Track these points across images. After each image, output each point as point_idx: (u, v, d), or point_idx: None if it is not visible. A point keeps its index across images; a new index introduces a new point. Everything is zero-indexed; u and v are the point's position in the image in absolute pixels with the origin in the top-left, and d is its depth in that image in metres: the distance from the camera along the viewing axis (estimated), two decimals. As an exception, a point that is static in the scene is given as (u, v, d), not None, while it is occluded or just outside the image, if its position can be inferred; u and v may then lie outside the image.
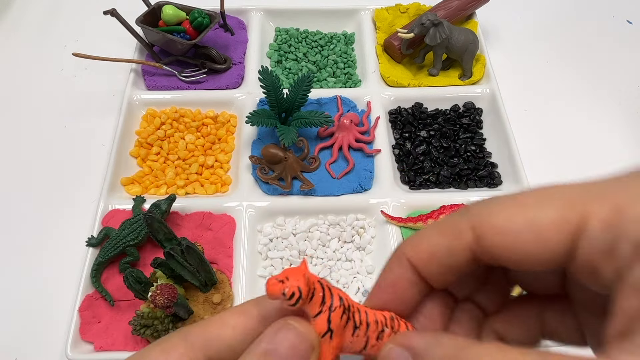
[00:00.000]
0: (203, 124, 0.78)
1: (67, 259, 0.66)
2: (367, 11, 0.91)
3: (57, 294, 0.63)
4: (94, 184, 0.72)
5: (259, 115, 0.70)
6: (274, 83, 0.70)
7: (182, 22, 0.80)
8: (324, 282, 0.24)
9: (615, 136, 0.81)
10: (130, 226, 0.63)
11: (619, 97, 0.86)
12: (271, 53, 0.87)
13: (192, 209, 0.68)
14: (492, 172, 0.73)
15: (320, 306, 0.23)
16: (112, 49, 0.85)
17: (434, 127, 0.77)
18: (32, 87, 0.85)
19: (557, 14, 0.99)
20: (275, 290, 0.21)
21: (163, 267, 0.56)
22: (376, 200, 0.69)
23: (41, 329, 0.61)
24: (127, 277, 0.53)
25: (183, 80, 0.81)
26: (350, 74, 0.84)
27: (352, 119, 0.75)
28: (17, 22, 0.94)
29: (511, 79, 0.86)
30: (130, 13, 0.77)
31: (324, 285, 0.23)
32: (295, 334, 0.22)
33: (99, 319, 0.59)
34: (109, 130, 0.78)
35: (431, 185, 0.73)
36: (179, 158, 0.74)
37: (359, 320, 0.24)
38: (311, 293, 0.22)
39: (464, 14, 0.87)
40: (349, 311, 0.24)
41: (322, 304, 0.23)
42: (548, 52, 0.92)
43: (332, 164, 0.73)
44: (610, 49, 0.93)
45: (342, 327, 0.23)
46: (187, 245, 0.55)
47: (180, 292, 0.56)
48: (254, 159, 0.70)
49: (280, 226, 0.68)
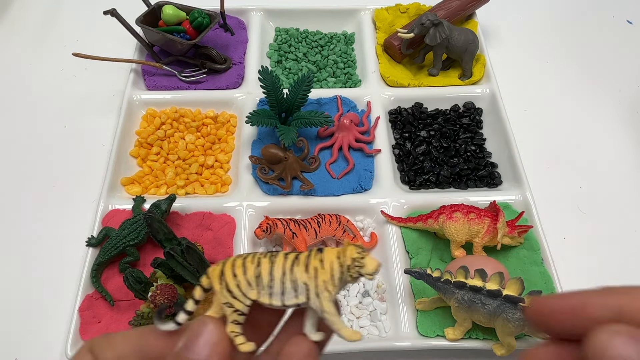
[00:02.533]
0: (203, 124, 0.78)
1: (67, 259, 0.66)
2: (367, 11, 0.91)
3: (57, 294, 0.63)
4: (94, 184, 0.72)
5: (259, 115, 0.70)
6: (274, 83, 0.70)
7: (182, 22, 0.80)
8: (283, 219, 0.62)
9: (615, 136, 0.81)
10: (130, 226, 0.63)
11: (619, 97, 0.86)
12: (271, 53, 0.87)
13: (192, 209, 0.68)
14: (492, 172, 0.73)
15: (283, 227, 0.62)
16: (112, 49, 0.85)
17: (434, 127, 0.77)
18: (32, 87, 0.85)
19: (557, 14, 0.99)
20: (257, 231, 0.61)
21: (163, 267, 0.56)
22: (376, 200, 0.69)
23: (41, 329, 0.61)
24: (127, 277, 0.53)
25: (183, 80, 0.81)
26: (350, 74, 0.84)
27: (352, 119, 0.75)
28: (17, 22, 0.94)
29: (511, 79, 0.86)
30: (130, 13, 0.77)
31: (281, 220, 0.63)
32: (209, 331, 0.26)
33: (99, 319, 0.59)
34: (109, 130, 0.78)
35: (431, 185, 0.73)
36: (179, 158, 0.74)
37: (309, 226, 0.63)
38: (274, 224, 0.62)
39: (464, 14, 0.87)
40: (298, 223, 0.63)
41: (283, 226, 0.62)
42: (548, 52, 0.92)
43: (332, 164, 0.73)
44: (610, 49, 0.93)
45: (298, 230, 0.63)
46: (187, 245, 0.55)
47: (180, 292, 0.56)
48: (254, 159, 0.70)
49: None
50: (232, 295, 0.27)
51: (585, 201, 0.73)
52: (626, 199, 0.74)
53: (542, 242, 0.64)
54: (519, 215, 0.64)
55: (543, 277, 0.62)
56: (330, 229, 0.64)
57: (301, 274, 0.27)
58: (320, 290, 0.27)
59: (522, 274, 0.62)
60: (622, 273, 0.67)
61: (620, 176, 0.76)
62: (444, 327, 0.57)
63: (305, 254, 0.27)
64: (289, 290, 0.27)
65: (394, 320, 0.59)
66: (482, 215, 0.61)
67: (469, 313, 0.53)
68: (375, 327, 0.59)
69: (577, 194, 0.74)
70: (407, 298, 0.60)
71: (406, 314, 0.59)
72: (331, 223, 0.64)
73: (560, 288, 0.60)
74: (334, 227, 0.64)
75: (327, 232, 0.64)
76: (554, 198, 0.73)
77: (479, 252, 0.61)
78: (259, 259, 0.28)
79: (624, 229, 0.71)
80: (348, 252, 0.27)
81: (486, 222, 0.61)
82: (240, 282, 0.27)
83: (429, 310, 0.59)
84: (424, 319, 0.58)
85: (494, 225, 0.61)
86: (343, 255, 0.27)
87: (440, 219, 0.63)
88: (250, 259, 0.28)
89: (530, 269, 0.63)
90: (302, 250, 0.31)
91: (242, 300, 0.27)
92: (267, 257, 0.28)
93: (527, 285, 0.60)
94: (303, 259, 0.27)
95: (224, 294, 0.27)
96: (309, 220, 0.64)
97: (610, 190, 0.75)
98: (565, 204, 0.73)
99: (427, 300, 0.59)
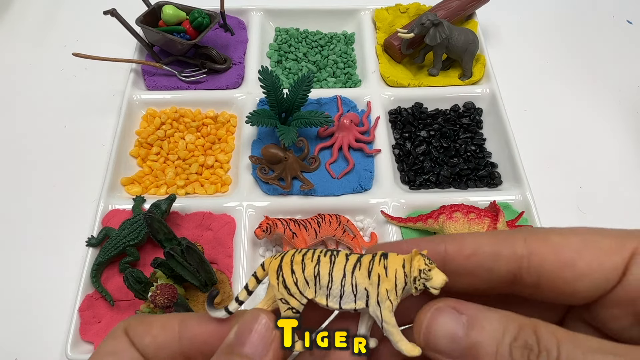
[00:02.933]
0: (203, 124, 0.78)
1: (67, 259, 0.66)
2: (367, 11, 0.91)
3: (57, 294, 0.63)
4: (94, 184, 0.72)
5: (259, 115, 0.70)
6: (274, 83, 0.70)
7: (182, 22, 0.80)
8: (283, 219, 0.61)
9: (615, 136, 0.81)
10: (130, 226, 0.63)
11: (619, 97, 0.86)
12: (271, 53, 0.87)
13: (192, 209, 0.68)
14: (492, 172, 0.73)
15: (283, 227, 0.61)
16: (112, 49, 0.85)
17: (434, 127, 0.77)
18: (32, 87, 0.85)
19: (557, 14, 0.99)
20: (257, 231, 0.61)
21: (163, 267, 0.56)
22: (376, 200, 0.69)
23: (41, 329, 0.61)
24: (127, 277, 0.54)
25: (183, 80, 0.81)
26: (350, 74, 0.84)
27: (352, 119, 0.75)
28: (17, 22, 0.94)
29: (511, 79, 0.86)
30: (130, 13, 0.77)
31: (281, 220, 0.62)
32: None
33: (99, 319, 0.59)
34: (109, 130, 0.78)
35: (431, 185, 0.73)
36: (179, 158, 0.74)
37: (309, 226, 0.63)
38: (274, 224, 0.61)
39: (464, 14, 0.87)
40: (298, 223, 0.63)
41: (283, 226, 0.61)
42: (548, 52, 0.92)
43: (332, 164, 0.73)
44: (610, 49, 0.93)
45: (298, 230, 0.62)
46: (187, 245, 0.55)
47: (180, 292, 0.56)
48: (254, 159, 0.70)
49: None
50: (288, 292, 0.26)
51: (585, 201, 0.73)
52: (626, 199, 0.74)
53: (542, 242, 0.64)
54: (519, 215, 0.64)
55: (543, 277, 0.61)
56: (330, 229, 0.64)
57: (363, 279, 0.26)
58: (382, 299, 0.25)
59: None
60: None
61: (620, 176, 0.76)
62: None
63: (369, 258, 0.26)
64: (348, 294, 0.26)
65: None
66: (482, 215, 0.61)
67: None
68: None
69: (577, 194, 0.74)
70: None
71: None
72: (331, 223, 0.65)
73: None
74: (333, 227, 0.64)
75: (327, 232, 0.64)
76: (554, 198, 0.73)
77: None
78: (318, 256, 0.27)
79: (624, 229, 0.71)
80: (415, 262, 0.25)
81: (486, 222, 0.61)
82: (299, 279, 0.26)
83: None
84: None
85: (494, 225, 0.61)
86: (409, 264, 0.25)
87: (440, 219, 0.63)
88: (309, 255, 0.27)
89: (530, 269, 0.63)
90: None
91: (298, 298, 0.26)
92: (327, 257, 0.27)
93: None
94: (366, 263, 0.26)
95: (280, 290, 0.26)
96: (309, 220, 0.64)
97: (610, 190, 0.75)
98: (565, 204, 0.73)
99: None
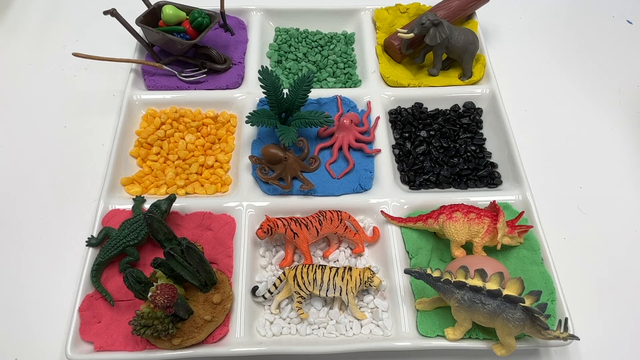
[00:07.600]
0: (203, 124, 0.78)
1: (67, 259, 0.66)
2: (367, 11, 0.91)
3: (57, 294, 0.63)
4: (94, 184, 0.72)
5: (259, 115, 0.70)
6: (274, 83, 0.70)
7: (182, 22, 0.80)
8: (283, 219, 0.65)
9: (615, 136, 0.81)
10: (130, 226, 0.63)
11: (619, 97, 0.86)
12: (271, 53, 0.87)
13: (192, 209, 0.68)
14: (492, 172, 0.73)
15: (284, 227, 0.64)
16: (112, 49, 0.85)
17: (434, 127, 0.77)
18: (32, 87, 0.85)
19: (557, 14, 0.99)
20: (259, 232, 0.63)
21: (163, 267, 0.56)
22: (376, 200, 0.69)
23: (41, 329, 0.61)
24: (127, 277, 0.53)
25: (183, 80, 0.81)
26: (350, 74, 0.84)
27: (352, 119, 0.75)
28: (17, 22, 0.95)
29: (511, 79, 0.86)
30: (130, 13, 0.78)
31: (282, 220, 0.64)
32: None
33: (99, 319, 0.59)
34: (109, 130, 0.78)
35: (431, 185, 0.73)
36: (179, 158, 0.74)
37: (310, 225, 0.65)
38: (275, 224, 0.63)
39: (464, 14, 0.87)
40: (299, 222, 0.64)
41: (284, 226, 0.64)
42: (548, 52, 0.92)
43: (332, 164, 0.73)
44: (610, 49, 0.93)
45: (299, 229, 0.63)
46: (187, 245, 0.55)
47: (180, 292, 0.56)
48: (254, 159, 0.70)
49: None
50: (299, 288, 0.59)
51: (585, 201, 0.73)
52: (626, 199, 0.74)
53: (542, 242, 0.64)
54: (519, 215, 0.64)
55: (543, 277, 0.62)
56: (331, 226, 0.64)
57: (339, 281, 0.59)
58: (348, 291, 0.59)
59: (522, 274, 0.62)
60: (622, 273, 0.67)
61: (620, 176, 0.76)
62: (444, 327, 0.57)
63: (342, 270, 0.60)
64: (330, 288, 0.59)
65: (394, 320, 0.59)
66: (482, 215, 0.61)
67: (469, 313, 0.53)
68: (379, 327, 0.59)
69: (577, 194, 0.74)
70: (407, 298, 0.60)
71: (406, 314, 0.59)
72: (332, 220, 0.64)
73: (560, 288, 0.60)
74: (335, 224, 0.64)
75: (328, 230, 0.64)
76: (554, 198, 0.73)
77: (479, 252, 0.61)
78: (314, 269, 0.60)
79: (624, 229, 0.71)
80: (366, 273, 0.60)
81: (486, 222, 0.61)
82: (305, 282, 0.59)
83: (429, 310, 0.59)
84: (424, 319, 0.58)
85: (494, 225, 0.61)
86: (363, 274, 0.60)
87: (440, 219, 0.63)
88: (311, 268, 0.60)
89: (530, 269, 0.63)
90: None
91: (304, 291, 0.59)
92: (320, 269, 0.60)
93: (527, 285, 0.60)
94: (340, 273, 0.59)
95: (294, 287, 0.59)
96: (310, 218, 0.64)
97: (610, 190, 0.75)
98: (565, 204, 0.73)
99: (427, 300, 0.59)
